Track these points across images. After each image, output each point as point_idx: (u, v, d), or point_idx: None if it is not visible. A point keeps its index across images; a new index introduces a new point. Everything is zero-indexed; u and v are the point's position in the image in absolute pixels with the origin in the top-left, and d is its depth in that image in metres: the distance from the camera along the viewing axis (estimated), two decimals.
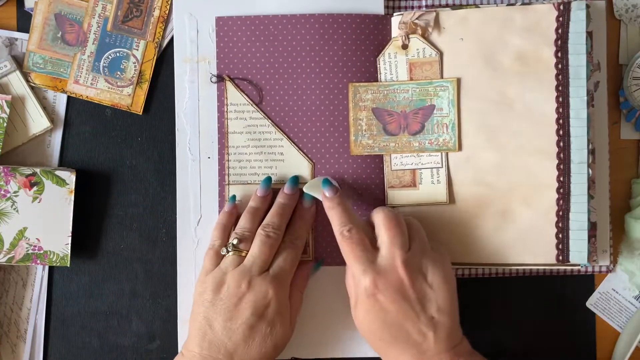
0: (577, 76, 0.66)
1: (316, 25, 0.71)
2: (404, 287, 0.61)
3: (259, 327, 0.63)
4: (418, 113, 0.70)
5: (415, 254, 0.63)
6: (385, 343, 0.63)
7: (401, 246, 0.62)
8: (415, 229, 0.65)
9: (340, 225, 0.65)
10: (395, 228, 0.63)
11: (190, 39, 0.72)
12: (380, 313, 0.62)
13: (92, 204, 0.73)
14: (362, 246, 0.63)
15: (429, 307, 0.62)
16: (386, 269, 0.62)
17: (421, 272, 0.63)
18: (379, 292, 0.61)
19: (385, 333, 0.62)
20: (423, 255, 0.64)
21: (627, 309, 0.74)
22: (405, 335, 0.61)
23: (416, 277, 0.62)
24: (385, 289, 0.61)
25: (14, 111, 0.72)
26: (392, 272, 0.62)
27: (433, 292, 0.62)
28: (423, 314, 0.61)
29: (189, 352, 0.64)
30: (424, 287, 0.62)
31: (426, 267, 0.63)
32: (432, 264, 0.63)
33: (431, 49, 0.69)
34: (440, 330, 0.61)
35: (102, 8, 0.71)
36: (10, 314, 0.73)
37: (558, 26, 0.66)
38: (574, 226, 0.66)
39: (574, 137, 0.66)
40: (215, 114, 0.72)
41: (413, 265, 0.62)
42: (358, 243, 0.63)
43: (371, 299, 0.62)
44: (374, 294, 0.62)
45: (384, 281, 0.61)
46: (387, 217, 0.64)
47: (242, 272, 0.64)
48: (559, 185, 0.66)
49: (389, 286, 0.61)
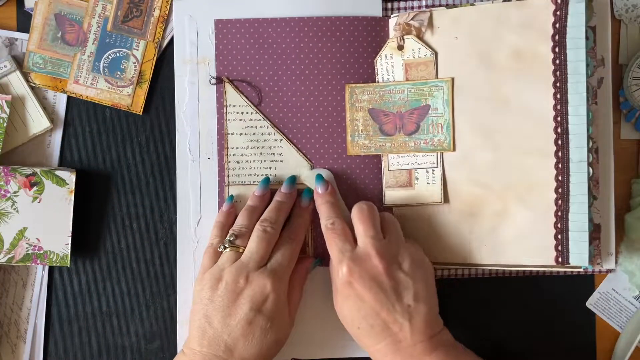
0: (576, 72, 0.64)
1: (314, 28, 0.71)
2: (379, 275, 0.62)
3: (258, 322, 0.64)
4: (413, 113, 0.70)
5: (390, 243, 0.65)
6: (362, 332, 0.63)
7: (374, 236, 0.64)
8: (389, 222, 0.67)
9: (326, 219, 0.67)
10: (367, 220, 0.65)
11: (190, 41, 0.72)
12: (356, 301, 0.63)
13: (92, 204, 0.73)
14: (343, 237, 0.65)
15: (405, 296, 0.62)
16: (361, 257, 0.63)
17: (396, 261, 0.64)
18: (354, 280, 0.62)
19: (362, 322, 0.63)
20: (398, 246, 0.65)
21: (627, 309, 0.73)
22: (381, 324, 0.62)
23: (391, 266, 0.63)
24: (360, 277, 0.62)
25: (14, 111, 0.72)
26: (367, 261, 0.63)
27: (409, 281, 0.63)
28: (399, 303, 0.62)
29: (189, 350, 0.65)
30: (399, 276, 0.63)
31: (402, 257, 0.64)
32: (407, 253, 0.65)
33: (426, 49, 0.69)
34: (416, 319, 0.62)
35: (102, 8, 0.72)
36: (10, 314, 0.73)
37: (556, 20, 0.65)
38: (573, 227, 0.65)
39: (573, 134, 0.65)
40: (215, 115, 0.72)
41: (388, 254, 0.63)
42: (339, 234, 0.65)
43: (347, 287, 0.63)
44: (350, 282, 0.63)
45: (359, 269, 0.62)
46: (359, 210, 0.66)
47: (239, 268, 0.65)
48: (558, 184, 0.65)
49: (364, 274, 0.62)
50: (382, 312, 0.62)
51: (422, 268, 0.65)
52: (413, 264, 0.64)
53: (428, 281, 0.65)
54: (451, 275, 0.72)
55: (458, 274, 0.72)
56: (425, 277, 0.65)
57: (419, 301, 0.62)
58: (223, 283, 0.64)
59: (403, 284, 0.63)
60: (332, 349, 0.72)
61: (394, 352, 0.62)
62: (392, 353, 0.62)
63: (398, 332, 0.62)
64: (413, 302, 0.62)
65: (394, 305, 0.62)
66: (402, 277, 0.63)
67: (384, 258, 0.63)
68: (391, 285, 0.62)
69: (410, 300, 0.62)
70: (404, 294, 0.62)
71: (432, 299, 0.64)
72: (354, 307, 0.63)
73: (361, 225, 0.65)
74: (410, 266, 0.64)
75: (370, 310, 0.62)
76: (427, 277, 0.65)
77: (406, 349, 0.62)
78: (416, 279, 0.63)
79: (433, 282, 0.66)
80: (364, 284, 0.62)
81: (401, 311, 0.62)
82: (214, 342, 0.63)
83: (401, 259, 0.64)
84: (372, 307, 0.62)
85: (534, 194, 0.66)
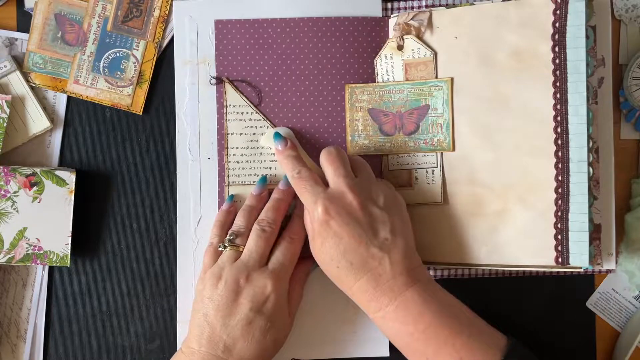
0: (576, 71, 0.64)
1: (314, 29, 0.71)
2: (354, 210, 0.63)
3: (258, 323, 0.64)
4: (413, 113, 0.70)
5: (362, 181, 0.65)
6: (342, 270, 0.63)
7: (346, 175, 0.64)
8: (360, 162, 0.68)
9: (291, 171, 0.67)
10: (336, 160, 0.65)
11: (190, 42, 0.72)
12: (334, 239, 0.62)
13: (92, 204, 0.73)
14: (311, 181, 0.65)
15: (381, 230, 0.63)
16: (336, 195, 0.63)
17: (370, 198, 0.64)
18: (331, 218, 0.62)
19: (341, 259, 0.62)
20: (370, 183, 0.65)
21: (627, 309, 0.73)
22: (360, 259, 0.62)
23: (365, 201, 0.63)
24: (336, 213, 0.62)
25: (14, 111, 0.72)
26: (341, 198, 0.63)
27: (384, 215, 0.63)
28: (375, 238, 0.62)
29: (188, 349, 0.65)
30: (374, 210, 0.63)
31: (375, 193, 0.65)
32: (381, 189, 0.65)
33: (425, 49, 0.69)
34: (394, 252, 0.62)
35: (102, 8, 0.72)
36: (10, 314, 0.73)
37: (555, 19, 0.65)
38: (573, 227, 0.65)
39: (573, 134, 0.65)
40: (215, 115, 0.72)
41: (361, 190, 0.64)
42: (307, 179, 0.65)
43: (324, 226, 0.63)
44: (327, 220, 0.63)
45: (334, 206, 0.63)
46: (328, 153, 0.66)
47: (239, 267, 0.65)
48: (558, 184, 0.65)
49: (339, 210, 0.62)
50: (360, 247, 0.62)
51: (396, 203, 0.66)
52: (387, 200, 0.65)
53: (403, 216, 0.65)
54: (451, 275, 0.72)
55: (458, 274, 0.72)
56: (400, 212, 0.65)
57: (395, 235, 0.63)
58: (223, 282, 0.64)
59: (379, 218, 0.63)
60: (332, 349, 0.72)
61: (375, 287, 0.62)
62: (373, 288, 0.62)
63: (377, 266, 0.62)
64: (390, 235, 0.63)
65: (372, 240, 0.62)
66: (378, 212, 0.63)
67: (358, 194, 0.63)
68: (367, 221, 0.63)
69: (387, 234, 0.63)
70: (380, 229, 0.63)
71: (408, 234, 0.65)
72: (332, 246, 0.63)
73: (330, 167, 0.65)
74: (385, 201, 0.64)
75: (349, 246, 0.62)
76: (401, 213, 0.66)
77: (386, 283, 0.62)
78: (391, 213, 0.64)
79: (408, 218, 0.66)
80: (341, 220, 0.62)
81: (379, 245, 0.62)
82: (213, 342, 0.63)
83: (375, 195, 0.64)
84: (350, 243, 0.62)
85: (534, 194, 0.66)
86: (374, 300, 0.62)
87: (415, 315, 0.61)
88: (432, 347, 0.61)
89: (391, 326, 0.62)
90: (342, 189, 0.63)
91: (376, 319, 0.63)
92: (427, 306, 0.61)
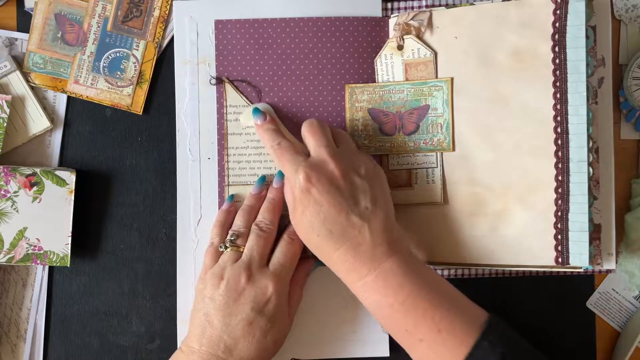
0: (576, 71, 0.64)
1: (314, 29, 0.71)
2: (336, 178, 0.63)
3: (259, 323, 0.64)
4: (413, 113, 0.70)
5: (344, 151, 0.65)
6: (322, 239, 0.62)
7: (327, 144, 0.64)
8: (341, 134, 0.68)
9: (271, 142, 0.67)
10: (317, 131, 0.65)
11: (190, 42, 0.72)
12: (315, 207, 0.62)
13: (92, 204, 0.73)
14: (291, 150, 0.65)
15: (362, 199, 0.63)
16: (317, 163, 0.63)
17: (352, 167, 0.64)
18: (312, 185, 0.62)
19: (321, 228, 0.62)
20: (352, 153, 0.66)
21: (627, 309, 0.73)
22: (340, 228, 0.62)
23: (347, 170, 0.63)
24: (317, 181, 0.62)
25: (14, 111, 0.72)
26: (323, 166, 0.63)
27: (365, 185, 0.63)
28: (356, 206, 0.62)
29: (188, 348, 0.65)
30: (355, 179, 0.63)
31: (357, 163, 0.65)
32: (362, 160, 0.65)
33: (425, 49, 0.69)
34: (374, 222, 0.62)
35: (102, 8, 0.72)
36: (10, 314, 0.73)
37: (555, 19, 0.65)
38: (573, 227, 0.65)
39: (573, 134, 0.65)
40: (215, 115, 0.72)
41: (343, 159, 0.64)
42: (287, 149, 0.65)
43: (305, 193, 0.62)
44: (308, 188, 0.62)
45: (315, 174, 0.62)
46: (309, 124, 0.66)
47: (240, 267, 0.65)
48: (558, 184, 0.65)
49: (321, 178, 0.62)
50: (340, 215, 0.62)
51: (378, 175, 0.66)
52: (368, 170, 0.65)
53: (384, 188, 0.65)
54: (451, 275, 0.72)
55: (458, 274, 0.72)
56: (380, 184, 0.65)
57: (376, 205, 0.63)
58: (224, 282, 0.64)
59: (360, 187, 0.63)
60: (332, 349, 0.72)
61: (354, 256, 0.62)
62: (352, 257, 0.62)
63: (357, 235, 0.61)
64: (371, 205, 0.62)
65: (352, 209, 0.62)
66: (359, 181, 0.63)
67: (340, 163, 0.63)
68: (348, 189, 0.62)
69: (367, 203, 0.62)
70: (361, 198, 0.63)
71: (389, 206, 0.65)
72: (313, 214, 0.62)
73: (312, 137, 0.65)
74: (366, 172, 0.64)
75: (329, 214, 0.62)
76: (382, 185, 0.65)
77: (365, 252, 0.61)
78: (372, 184, 0.64)
79: (388, 191, 0.66)
80: (322, 188, 0.62)
81: (359, 214, 0.62)
82: (214, 342, 0.63)
83: (357, 164, 0.64)
84: (331, 212, 0.62)
85: (534, 194, 0.66)
86: (353, 270, 0.62)
87: (394, 286, 0.61)
88: (411, 319, 0.60)
89: (371, 297, 0.62)
90: (324, 157, 0.63)
91: (356, 290, 0.63)
92: (407, 278, 0.61)
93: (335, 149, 0.65)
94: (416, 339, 0.60)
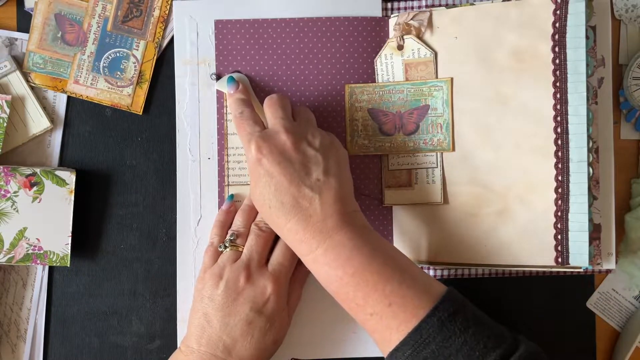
0: (575, 71, 0.64)
1: (314, 29, 0.71)
2: (287, 149, 0.62)
3: (258, 323, 0.64)
4: (413, 113, 0.70)
5: (300, 124, 0.65)
6: (273, 210, 0.62)
7: (283, 116, 0.64)
8: (302, 110, 0.68)
9: (235, 110, 0.67)
10: (276, 104, 0.65)
11: (190, 42, 0.72)
12: (266, 178, 0.62)
13: (92, 204, 0.73)
14: (251, 121, 0.65)
15: (314, 170, 0.62)
16: (270, 134, 0.63)
17: (305, 139, 0.63)
18: (263, 156, 0.62)
19: (272, 199, 0.61)
20: (308, 126, 0.65)
21: (627, 309, 0.73)
22: (291, 199, 0.61)
23: (299, 141, 0.63)
24: (268, 152, 0.62)
25: (14, 111, 0.72)
26: (275, 137, 0.62)
27: (318, 156, 0.63)
28: (307, 177, 0.61)
29: (187, 348, 0.65)
30: (308, 150, 0.63)
31: (312, 135, 0.64)
32: (319, 133, 0.64)
33: (426, 49, 0.69)
34: (326, 193, 0.61)
35: (102, 8, 0.72)
36: (10, 314, 0.73)
37: (555, 20, 0.65)
38: (573, 227, 0.65)
39: (573, 134, 0.65)
40: (215, 115, 0.72)
41: (297, 132, 0.63)
42: (247, 119, 0.65)
43: (257, 165, 0.62)
44: (259, 159, 0.62)
45: (267, 145, 0.62)
46: (269, 99, 0.66)
47: (239, 267, 0.65)
48: (558, 184, 0.65)
49: (272, 149, 0.62)
50: (291, 186, 0.61)
51: (333, 148, 0.64)
52: (324, 143, 0.64)
53: (340, 161, 0.64)
54: (451, 275, 0.72)
55: (458, 274, 0.72)
56: (336, 157, 0.64)
57: (329, 176, 0.62)
58: (224, 282, 0.64)
59: (312, 159, 0.62)
60: (331, 348, 0.72)
61: (305, 228, 0.61)
62: (303, 229, 0.61)
63: (308, 206, 0.61)
64: (323, 176, 0.62)
65: (303, 180, 0.61)
66: (312, 152, 0.63)
67: (292, 133, 0.63)
68: (299, 160, 0.62)
69: (320, 175, 0.62)
70: (312, 169, 0.62)
71: (344, 178, 0.64)
72: (264, 185, 0.62)
73: (270, 110, 0.65)
74: (321, 144, 0.64)
75: (280, 185, 0.61)
76: (338, 157, 0.64)
77: (315, 224, 0.60)
78: (326, 155, 0.63)
79: (345, 164, 0.65)
80: (272, 158, 0.61)
81: (310, 185, 0.61)
82: (213, 342, 0.63)
83: (311, 137, 0.64)
84: (281, 182, 0.61)
85: (534, 194, 0.66)
86: (304, 242, 0.61)
87: (344, 259, 0.59)
88: (361, 292, 0.59)
89: (321, 270, 0.61)
90: (277, 128, 0.63)
91: (307, 262, 0.62)
92: (358, 250, 0.60)
93: (291, 121, 0.64)
94: (367, 313, 0.59)
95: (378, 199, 0.71)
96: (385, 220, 0.72)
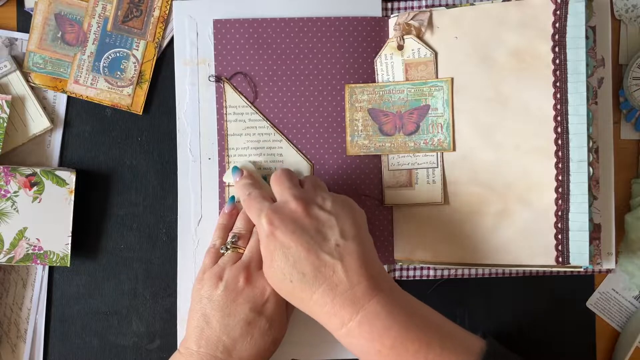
0: (575, 71, 0.64)
1: (314, 29, 0.71)
2: (298, 216, 0.60)
3: (258, 323, 0.63)
4: (413, 113, 0.70)
5: (308, 190, 0.63)
6: (296, 284, 0.59)
7: (290, 186, 0.62)
8: (308, 177, 0.66)
9: (243, 195, 0.66)
10: (282, 176, 0.64)
11: (190, 42, 0.72)
12: (282, 250, 0.59)
13: (92, 204, 0.73)
14: (260, 198, 0.63)
15: (331, 235, 0.59)
16: (279, 205, 0.61)
17: (315, 203, 0.61)
18: (275, 228, 0.59)
19: (293, 272, 0.59)
20: (317, 190, 0.63)
21: (627, 309, 0.73)
22: (312, 268, 0.58)
23: (310, 206, 0.60)
24: (280, 223, 0.59)
25: (14, 111, 0.72)
26: (285, 207, 0.61)
27: (332, 219, 0.60)
28: (325, 243, 0.59)
29: (186, 350, 0.64)
30: (320, 214, 0.60)
31: (322, 198, 0.62)
32: (328, 195, 0.62)
33: (426, 49, 0.69)
34: (348, 258, 0.58)
35: (102, 8, 0.72)
36: (10, 314, 0.73)
37: (555, 20, 0.65)
38: (573, 227, 0.65)
39: (573, 134, 0.65)
40: (215, 115, 0.72)
41: (305, 197, 0.61)
42: (255, 197, 0.64)
43: (271, 239, 0.60)
44: (272, 232, 0.59)
45: (278, 216, 0.60)
46: (274, 174, 0.65)
47: (239, 268, 0.65)
48: (558, 184, 0.65)
49: (284, 218, 0.60)
50: (309, 255, 0.58)
51: (348, 207, 0.62)
52: (335, 203, 0.61)
53: (356, 221, 0.61)
54: (451, 275, 0.72)
55: (458, 274, 0.72)
56: (352, 216, 0.61)
57: (347, 239, 0.59)
58: (223, 282, 0.64)
59: (326, 222, 0.60)
60: (332, 349, 0.72)
61: (333, 299, 0.57)
62: (331, 301, 0.57)
63: (332, 275, 0.58)
64: (341, 240, 0.59)
65: (321, 246, 0.58)
66: (324, 215, 0.60)
67: (301, 199, 0.60)
68: (314, 226, 0.59)
69: (337, 239, 0.59)
70: (329, 233, 0.59)
71: (364, 239, 0.61)
72: (282, 258, 0.59)
73: (276, 183, 0.64)
74: (333, 205, 0.61)
75: (298, 255, 0.58)
76: (355, 216, 0.61)
77: (344, 294, 0.57)
78: (340, 216, 0.60)
79: (363, 223, 0.62)
80: (285, 229, 0.59)
81: (329, 251, 0.58)
82: (212, 342, 0.63)
83: (321, 200, 0.61)
84: (299, 252, 0.58)
85: (534, 194, 0.66)
86: (334, 315, 0.58)
87: (380, 330, 0.56)
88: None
89: (357, 343, 0.58)
90: (286, 198, 0.61)
91: (341, 338, 0.59)
92: (393, 318, 0.57)
93: (299, 188, 0.63)
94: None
95: (378, 199, 0.71)
96: (385, 220, 0.72)
